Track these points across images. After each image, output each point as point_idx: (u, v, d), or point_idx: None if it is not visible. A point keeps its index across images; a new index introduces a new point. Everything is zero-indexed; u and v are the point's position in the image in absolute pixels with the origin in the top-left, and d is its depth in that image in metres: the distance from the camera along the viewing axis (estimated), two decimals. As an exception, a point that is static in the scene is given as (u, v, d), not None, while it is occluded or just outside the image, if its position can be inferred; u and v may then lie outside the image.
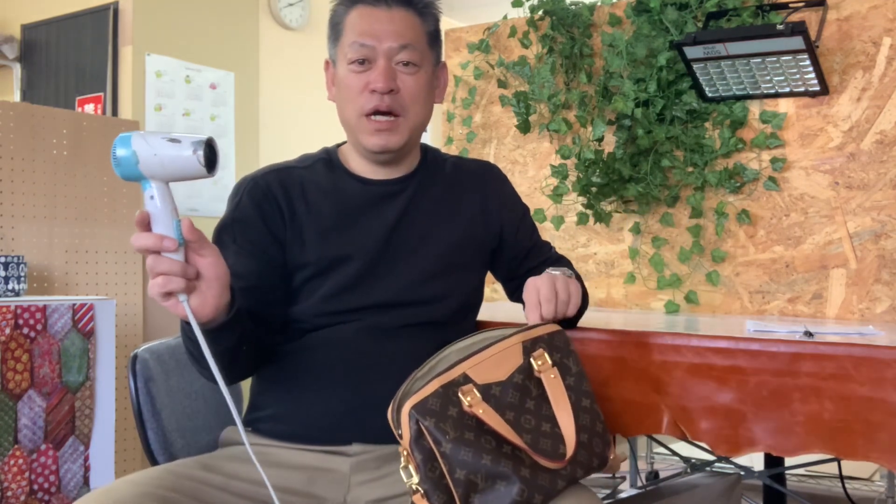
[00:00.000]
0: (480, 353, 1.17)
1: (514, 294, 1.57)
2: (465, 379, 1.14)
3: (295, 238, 1.36)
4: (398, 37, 1.34)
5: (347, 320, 1.34)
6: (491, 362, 1.17)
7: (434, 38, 1.41)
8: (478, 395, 1.13)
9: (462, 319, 1.44)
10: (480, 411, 1.11)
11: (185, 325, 1.18)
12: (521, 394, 1.17)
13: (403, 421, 1.10)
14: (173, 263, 1.05)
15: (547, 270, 1.37)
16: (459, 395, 1.12)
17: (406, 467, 1.10)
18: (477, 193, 1.49)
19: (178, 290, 1.06)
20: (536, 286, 1.31)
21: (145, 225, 1.05)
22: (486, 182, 1.51)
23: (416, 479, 1.09)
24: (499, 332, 1.26)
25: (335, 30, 1.39)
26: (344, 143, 1.48)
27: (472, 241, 1.45)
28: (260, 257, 1.33)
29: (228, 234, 1.35)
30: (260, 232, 1.35)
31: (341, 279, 1.34)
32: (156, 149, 1.04)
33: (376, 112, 1.34)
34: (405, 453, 1.10)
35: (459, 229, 1.44)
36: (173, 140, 1.04)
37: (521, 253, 1.53)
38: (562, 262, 1.56)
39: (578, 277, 1.47)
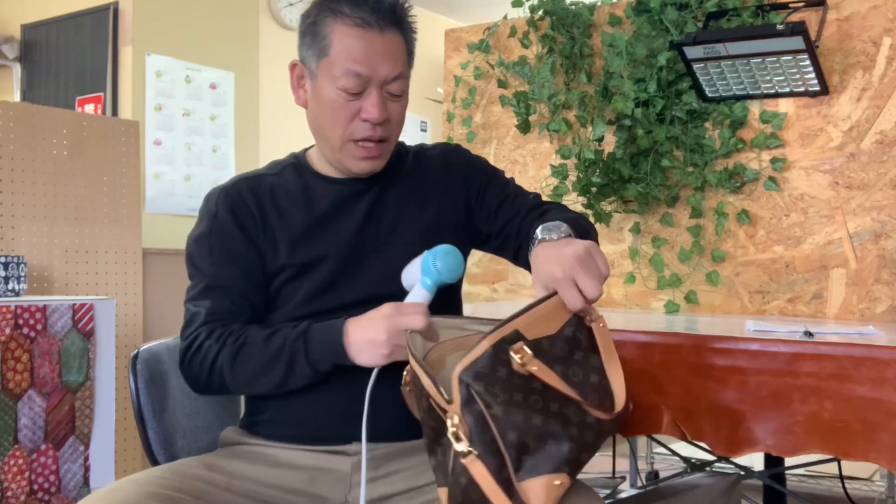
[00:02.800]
0: (531, 310, 1.13)
1: (501, 250, 1.50)
2: (517, 336, 1.10)
3: (269, 244, 1.37)
4: (392, 67, 1.32)
5: (328, 320, 1.33)
6: (541, 318, 1.14)
7: (412, 56, 1.40)
8: (528, 351, 1.09)
9: (446, 304, 1.39)
10: (535, 368, 1.08)
11: (314, 362, 1.27)
12: (570, 346, 1.14)
13: (454, 385, 1.07)
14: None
15: (537, 233, 1.25)
16: (511, 353, 1.09)
17: (455, 433, 1.07)
18: (440, 176, 1.48)
19: None
20: (551, 271, 1.16)
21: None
22: (448, 162, 1.50)
23: (465, 444, 1.05)
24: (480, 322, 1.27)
25: (318, 40, 1.33)
26: (311, 147, 1.48)
27: (443, 225, 1.44)
28: (241, 265, 1.35)
29: (205, 245, 1.37)
30: (238, 240, 1.36)
31: (316, 281, 1.35)
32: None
33: (367, 140, 1.34)
34: (455, 419, 1.07)
35: (429, 216, 1.43)
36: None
37: (491, 211, 1.47)
38: (550, 213, 1.44)
39: (575, 222, 1.36)
